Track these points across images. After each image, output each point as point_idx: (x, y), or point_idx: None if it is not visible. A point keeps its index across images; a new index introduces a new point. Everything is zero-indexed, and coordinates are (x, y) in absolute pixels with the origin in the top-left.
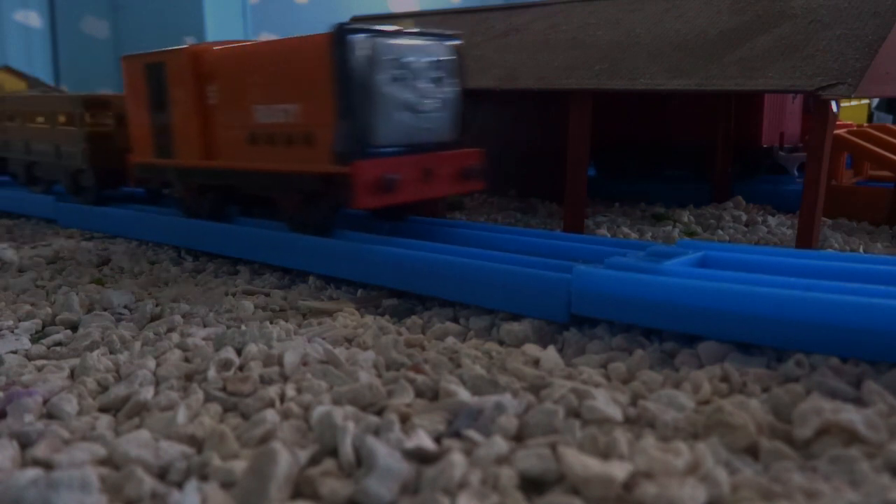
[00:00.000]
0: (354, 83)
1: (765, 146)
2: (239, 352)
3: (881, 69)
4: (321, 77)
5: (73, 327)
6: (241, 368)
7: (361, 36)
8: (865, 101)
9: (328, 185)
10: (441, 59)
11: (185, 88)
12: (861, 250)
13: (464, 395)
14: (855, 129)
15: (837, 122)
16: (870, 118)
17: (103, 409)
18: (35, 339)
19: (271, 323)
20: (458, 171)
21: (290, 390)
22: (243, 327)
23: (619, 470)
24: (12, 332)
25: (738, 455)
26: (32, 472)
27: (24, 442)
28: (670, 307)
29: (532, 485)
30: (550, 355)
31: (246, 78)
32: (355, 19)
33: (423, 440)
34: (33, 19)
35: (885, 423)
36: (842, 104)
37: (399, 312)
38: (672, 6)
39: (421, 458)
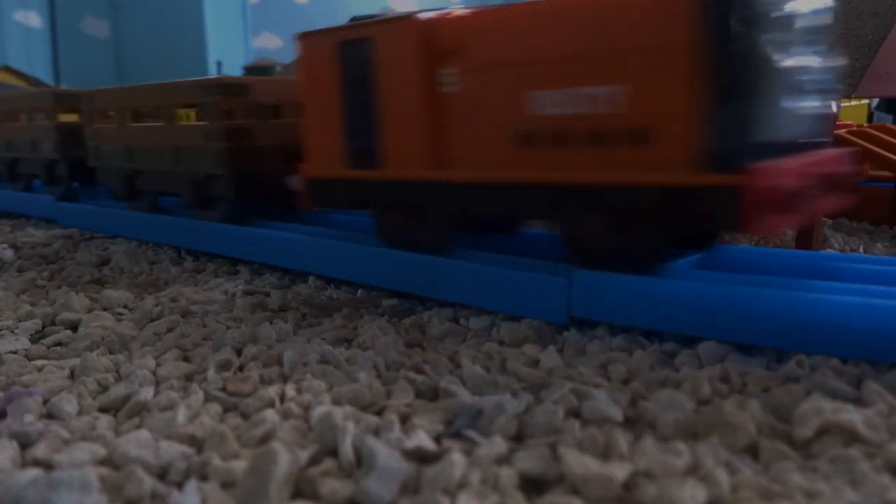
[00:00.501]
0: (739, 51)
1: None
2: (239, 352)
3: (881, 69)
4: (674, 43)
5: (73, 327)
6: (241, 368)
7: None
8: (865, 101)
9: (673, 202)
10: (823, 20)
11: (408, 72)
12: (861, 250)
13: (464, 395)
14: (855, 129)
15: (837, 122)
16: (870, 118)
17: (103, 409)
18: (35, 339)
19: (271, 323)
20: (838, 180)
21: (290, 390)
22: (243, 327)
23: (619, 470)
24: (12, 332)
25: (738, 455)
26: (32, 472)
27: (24, 442)
28: (670, 309)
29: (532, 485)
30: (550, 355)
31: (515, 52)
32: (354, 19)
33: (423, 440)
34: (33, 19)
35: (885, 424)
36: (842, 104)
37: (399, 312)
38: None
39: (421, 458)
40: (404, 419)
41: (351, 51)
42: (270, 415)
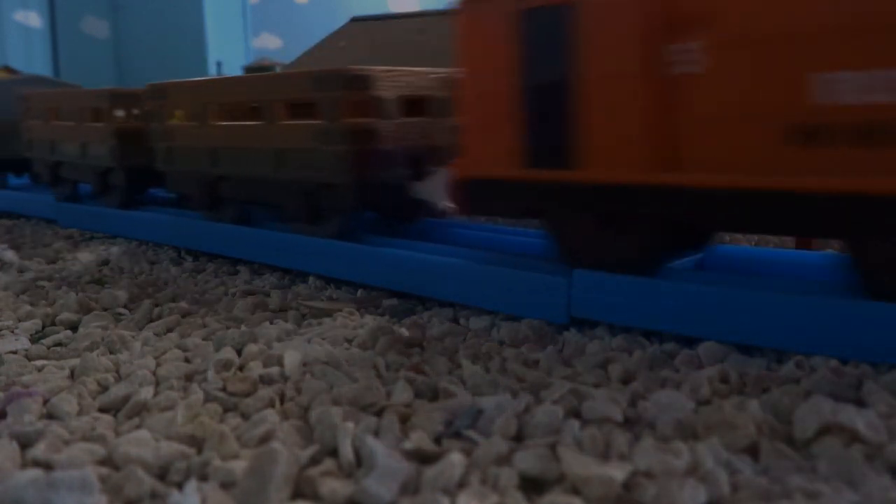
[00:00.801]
0: None
1: None
2: (239, 352)
3: None
4: None
5: (73, 327)
6: (241, 368)
7: None
8: None
9: None
10: None
11: (626, 48)
12: None
13: (464, 395)
14: None
15: None
16: None
17: (103, 409)
18: (35, 339)
19: (271, 323)
20: None
21: (290, 390)
22: (243, 327)
23: (618, 470)
24: (12, 332)
25: (738, 455)
26: (32, 472)
27: (24, 442)
28: (670, 309)
29: (532, 485)
30: (550, 355)
31: (796, 20)
32: (355, 20)
33: (423, 440)
34: (33, 19)
35: (885, 424)
36: None
37: (399, 312)
38: None
39: (421, 458)
40: (404, 419)
41: (538, 21)
42: (270, 415)
